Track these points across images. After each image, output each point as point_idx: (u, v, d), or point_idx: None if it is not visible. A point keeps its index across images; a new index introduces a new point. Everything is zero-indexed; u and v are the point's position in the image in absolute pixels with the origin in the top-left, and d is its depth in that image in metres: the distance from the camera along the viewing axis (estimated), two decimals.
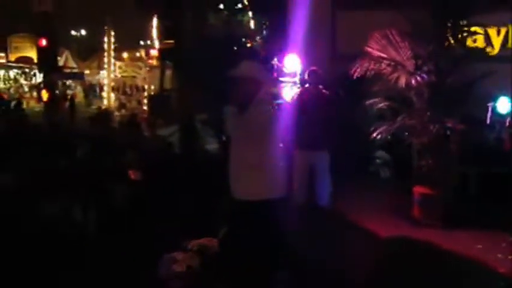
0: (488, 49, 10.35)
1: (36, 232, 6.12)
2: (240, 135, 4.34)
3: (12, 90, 28.40)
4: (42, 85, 17.68)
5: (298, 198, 7.25)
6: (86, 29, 38.95)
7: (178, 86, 13.62)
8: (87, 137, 10.28)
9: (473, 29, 7.81)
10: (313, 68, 7.45)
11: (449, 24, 7.56)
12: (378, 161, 10.25)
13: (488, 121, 8.32)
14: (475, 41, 8.23)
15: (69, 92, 27.03)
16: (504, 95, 8.32)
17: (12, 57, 32.03)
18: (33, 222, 6.38)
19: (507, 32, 11.06)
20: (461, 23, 7.60)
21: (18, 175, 7.18)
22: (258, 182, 4.27)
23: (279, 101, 9.02)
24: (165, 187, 7.25)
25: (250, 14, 15.87)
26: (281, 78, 9.46)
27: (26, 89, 27.42)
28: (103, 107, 23.66)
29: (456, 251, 6.33)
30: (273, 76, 9.67)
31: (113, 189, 7.55)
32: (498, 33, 10.93)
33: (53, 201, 6.89)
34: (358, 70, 7.55)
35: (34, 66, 24.72)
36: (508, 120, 8.37)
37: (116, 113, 21.86)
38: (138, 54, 35.74)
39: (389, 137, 7.97)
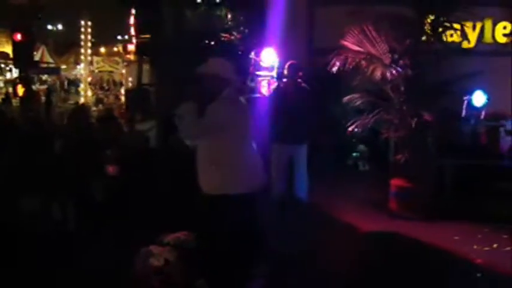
0: (465, 44, 10.49)
1: (14, 229, 6.10)
2: (200, 132, 4.29)
3: None
4: (18, 80, 17.35)
5: (277, 190, 7.30)
6: (62, 24, 38.52)
7: (156, 81, 13.51)
8: (64, 132, 10.17)
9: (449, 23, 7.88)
10: (292, 61, 7.45)
11: (428, 19, 7.60)
12: (354, 154, 10.32)
13: (464, 114, 8.39)
14: (451, 35, 8.27)
15: (43, 87, 26.64)
16: (480, 88, 8.41)
17: None
18: (11, 219, 6.34)
19: (483, 27, 11.18)
20: (439, 18, 7.65)
21: None
22: (220, 176, 4.25)
23: (257, 95, 9.03)
24: (143, 182, 7.23)
25: (228, 8, 15.80)
26: (258, 73, 9.43)
27: (1, 84, 26.96)
28: (80, 102, 23.41)
29: (433, 243, 6.40)
30: (247, 71, 9.64)
31: (90, 184, 7.51)
32: (474, 28, 11.03)
33: (31, 197, 6.85)
34: (336, 63, 7.56)
35: (9, 62, 24.29)
36: (483, 113, 8.47)
37: (93, 108, 21.66)
38: (115, 49, 35.53)
39: (367, 130, 7.99)
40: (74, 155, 8.24)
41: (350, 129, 7.70)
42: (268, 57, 9.33)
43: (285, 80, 7.44)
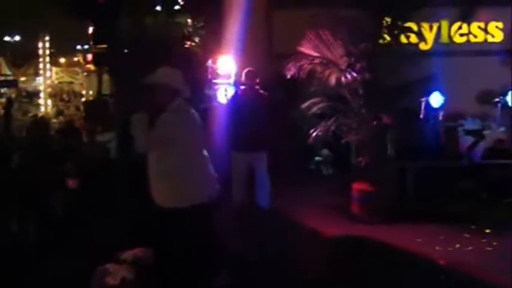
0: (422, 45, 10.57)
1: None
2: (151, 144, 4.19)
3: None
4: None
5: (237, 199, 7.24)
6: (20, 35, 37.79)
7: (115, 91, 13.32)
8: (23, 146, 9.94)
9: (406, 25, 7.91)
10: (250, 68, 7.39)
11: (384, 22, 7.62)
12: (317, 158, 10.26)
13: (422, 116, 8.42)
14: (408, 37, 8.31)
15: (1, 100, 26.04)
16: (437, 89, 8.44)
17: None
18: None
19: (439, 27, 11.29)
20: (396, 20, 7.68)
21: None
22: (170, 189, 4.17)
23: (214, 103, 8.92)
24: (102, 195, 7.07)
25: (187, 15, 15.71)
26: (216, 80, 9.34)
27: None
28: (40, 115, 22.96)
29: (396, 245, 6.39)
30: (205, 79, 9.55)
31: (50, 198, 7.33)
32: (431, 28, 11.13)
33: None
34: (292, 69, 7.52)
35: None
36: (441, 113, 8.51)
37: (54, 120, 21.26)
38: (75, 59, 34.98)
39: (330, 134, 7.96)
40: (33, 168, 8.06)
41: (312, 135, 7.64)
42: (226, 65, 9.24)
43: (242, 87, 7.35)
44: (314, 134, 7.64)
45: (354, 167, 7.90)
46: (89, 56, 26.08)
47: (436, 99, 8.38)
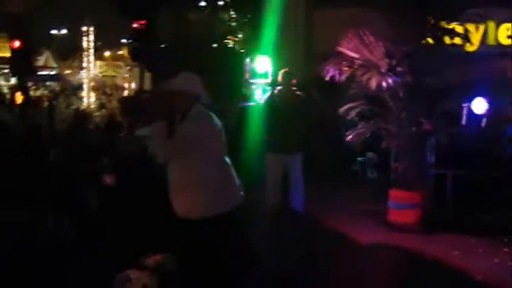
0: (467, 46, 10.21)
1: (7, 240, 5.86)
2: (171, 153, 4.03)
3: None
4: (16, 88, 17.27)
5: (271, 201, 7.09)
6: (67, 29, 38.41)
7: (153, 86, 13.37)
8: (63, 140, 10.02)
9: (451, 26, 7.62)
10: (286, 69, 7.23)
11: (429, 23, 7.34)
12: (360, 159, 9.97)
13: (464, 122, 8.12)
14: (452, 38, 8.00)
15: (45, 93, 26.49)
16: (480, 94, 8.13)
17: None
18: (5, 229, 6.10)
19: (486, 29, 10.94)
20: (439, 21, 7.40)
21: None
22: (192, 199, 4.02)
23: (251, 103, 8.81)
24: (137, 194, 6.98)
25: (230, 11, 15.64)
26: (253, 80, 9.23)
27: (6, 90, 26.83)
28: (82, 108, 23.26)
29: (433, 257, 6.14)
30: (242, 78, 9.45)
31: (85, 194, 7.32)
32: (477, 29, 10.79)
33: (25, 208, 6.65)
34: (330, 71, 7.32)
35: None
36: (484, 120, 8.19)
37: (96, 113, 21.51)
38: (120, 53, 35.37)
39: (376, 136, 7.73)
40: (70, 162, 8.09)
41: (348, 139, 7.44)
42: (263, 64, 9.12)
43: (278, 87, 7.21)
44: (349, 137, 7.41)
45: (391, 173, 7.65)
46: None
47: (479, 105, 8.07)
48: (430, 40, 7.34)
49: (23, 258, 5.49)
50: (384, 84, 7.03)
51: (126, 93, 25.76)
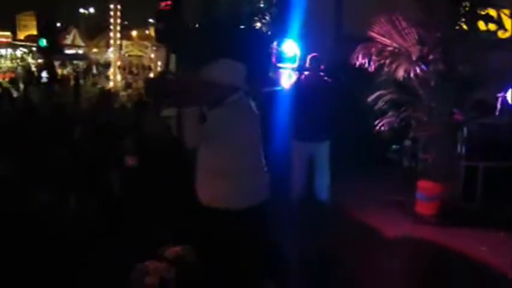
0: (501, 32, 9.85)
1: (30, 222, 5.74)
2: (202, 139, 3.85)
3: (19, 69, 28.13)
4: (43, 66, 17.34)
5: (296, 191, 6.93)
6: (94, 7, 38.59)
7: (177, 68, 13.19)
8: (87, 119, 9.97)
9: (486, 11, 7.33)
10: (314, 54, 7.01)
11: (462, 9, 7.07)
12: (394, 147, 9.63)
13: (498, 112, 7.83)
14: (486, 24, 7.68)
15: (71, 71, 26.64)
16: None
17: (21, 35, 31.81)
18: (28, 212, 6.03)
19: None
20: (475, 6, 7.13)
21: (13, 163, 6.83)
22: (221, 189, 3.84)
23: (277, 88, 8.63)
24: (161, 176, 6.86)
25: None
26: (280, 64, 9.02)
27: (34, 68, 27.04)
28: (108, 87, 23.32)
29: (460, 252, 5.96)
30: (269, 62, 9.25)
31: (108, 175, 7.25)
32: (511, 15, 10.41)
33: (48, 187, 6.61)
34: (360, 58, 7.11)
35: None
36: None
37: (122, 93, 21.54)
38: (146, 32, 35.40)
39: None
40: (93, 142, 8.03)
41: (377, 128, 7.24)
42: (291, 48, 8.90)
43: (306, 73, 7.01)
44: (379, 125, 7.20)
45: (420, 164, 7.43)
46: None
47: None
48: (463, 26, 7.08)
49: (44, 239, 5.41)
50: (412, 73, 6.81)
51: (151, 73, 25.74)
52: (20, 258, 5.01)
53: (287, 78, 8.45)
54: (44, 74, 16.09)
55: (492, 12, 7.21)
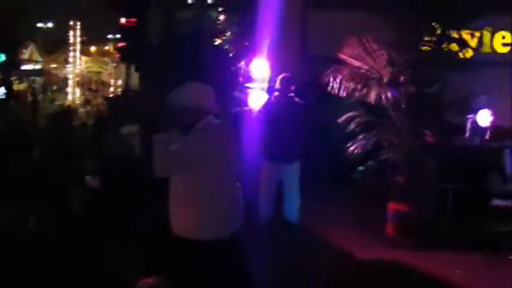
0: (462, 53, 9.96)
1: None
2: (172, 167, 3.64)
3: None
4: None
5: (264, 213, 6.78)
6: (53, 22, 37.87)
7: (140, 85, 13.01)
8: (45, 137, 9.65)
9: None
10: (285, 74, 6.90)
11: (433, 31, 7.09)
12: (360, 168, 9.56)
13: (467, 134, 7.85)
14: (460, 46, 7.69)
15: (25, 86, 26.03)
16: (485, 106, 7.87)
17: None
18: None
19: (481, 37, 10.73)
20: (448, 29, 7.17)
21: None
22: (193, 219, 3.63)
23: (245, 109, 8.48)
24: (127, 199, 6.60)
25: (221, 10, 15.33)
26: (248, 84, 8.88)
27: None
28: (67, 103, 22.87)
29: (434, 276, 5.86)
30: (236, 82, 9.11)
31: (68, 196, 6.97)
32: (472, 37, 10.55)
33: (6, 207, 6.29)
34: (330, 80, 7.03)
35: None
36: (488, 133, 7.92)
37: (81, 109, 21.17)
38: (106, 48, 34.93)
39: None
40: (53, 162, 7.74)
41: (350, 150, 7.15)
42: (259, 68, 8.77)
43: (276, 93, 6.89)
44: (351, 150, 7.12)
45: (390, 185, 7.35)
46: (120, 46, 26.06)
47: (484, 117, 7.80)
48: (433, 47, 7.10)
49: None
50: (384, 96, 6.77)
51: (111, 89, 25.35)
52: None
53: (256, 98, 8.29)
54: (1, 90, 15.58)
55: (466, 36, 7.26)
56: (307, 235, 6.86)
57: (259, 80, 8.71)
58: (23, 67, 27.12)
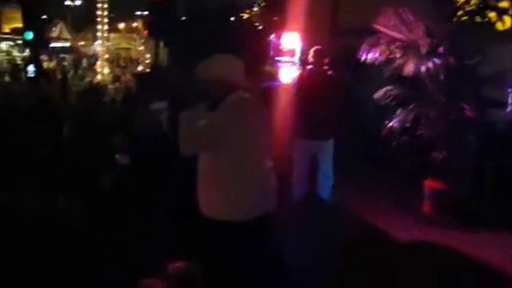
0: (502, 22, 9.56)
1: (17, 224, 5.53)
2: (198, 144, 3.47)
3: (4, 63, 27.57)
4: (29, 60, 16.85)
5: (298, 190, 6.62)
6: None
7: (169, 61, 12.86)
8: (74, 115, 9.61)
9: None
10: (318, 46, 6.64)
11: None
12: (393, 144, 9.25)
13: (508, 109, 7.53)
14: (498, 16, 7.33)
15: (55, 64, 26.12)
16: None
17: (6, 28, 31.17)
18: (14, 213, 5.77)
19: None
20: None
21: None
22: (223, 199, 3.46)
23: (276, 83, 8.27)
24: (156, 177, 6.47)
25: None
26: (279, 58, 8.65)
27: (19, 62, 26.53)
28: (96, 80, 22.90)
29: (470, 256, 5.64)
30: (266, 55, 8.89)
31: (98, 174, 6.90)
32: None
33: (35, 188, 6.22)
34: (367, 53, 6.78)
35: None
36: None
37: (110, 86, 21.18)
38: (134, 25, 34.95)
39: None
40: (82, 140, 7.69)
41: (388, 126, 6.92)
42: (290, 41, 8.52)
43: (309, 67, 6.66)
44: (389, 126, 6.88)
45: (426, 162, 7.10)
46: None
47: None
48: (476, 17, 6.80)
49: (31, 243, 5.11)
50: (423, 68, 6.50)
51: (140, 66, 25.33)
52: (5, 262, 4.75)
53: (287, 72, 8.07)
54: (31, 68, 15.59)
55: (505, 4, 6.89)
56: (341, 213, 6.70)
57: (290, 53, 8.49)
58: (52, 45, 27.20)
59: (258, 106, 3.71)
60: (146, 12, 25.76)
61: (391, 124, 6.90)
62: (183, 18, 13.07)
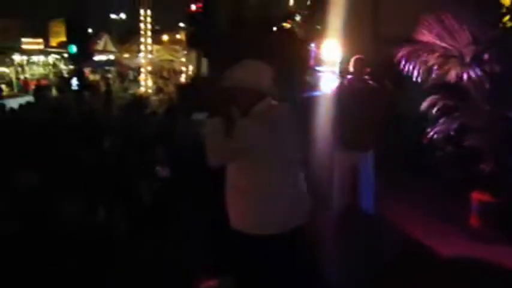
0: None
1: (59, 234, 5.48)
2: (225, 155, 3.35)
3: (51, 76, 28.19)
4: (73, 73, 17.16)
5: (339, 202, 6.48)
6: (125, 13, 38.69)
7: (209, 73, 12.85)
8: (117, 127, 9.69)
9: None
10: (359, 56, 6.50)
11: None
12: (438, 154, 9.00)
13: None
14: None
15: (99, 77, 26.55)
16: None
17: (53, 42, 31.95)
18: (56, 223, 5.72)
19: None
20: None
21: (43, 172, 6.52)
22: (253, 212, 3.35)
23: (316, 93, 8.15)
24: (196, 190, 6.42)
25: None
26: (319, 67, 8.53)
27: (65, 75, 27.08)
28: (139, 92, 23.17)
29: None
30: (305, 65, 8.78)
31: (138, 186, 6.89)
32: None
33: (76, 199, 6.26)
34: (408, 62, 6.60)
35: None
36: None
37: (153, 98, 21.40)
38: (178, 37, 35.32)
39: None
40: (124, 152, 7.72)
41: (430, 135, 6.71)
42: (330, 50, 8.39)
43: (349, 76, 6.52)
44: (431, 134, 6.67)
45: (471, 173, 6.84)
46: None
47: None
48: None
49: (70, 251, 5.14)
50: (465, 76, 6.28)
51: (183, 77, 25.51)
52: (45, 270, 4.79)
53: (327, 82, 7.93)
54: (74, 81, 15.87)
55: None
56: (384, 225, 6.51)
57: (331, 63, 8.36)
58: (97, 57, 27.67)
59: (287, 115, 3.55)
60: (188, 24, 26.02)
61: (432, 133, 6.67)
62: (223, 29, 13.06)
